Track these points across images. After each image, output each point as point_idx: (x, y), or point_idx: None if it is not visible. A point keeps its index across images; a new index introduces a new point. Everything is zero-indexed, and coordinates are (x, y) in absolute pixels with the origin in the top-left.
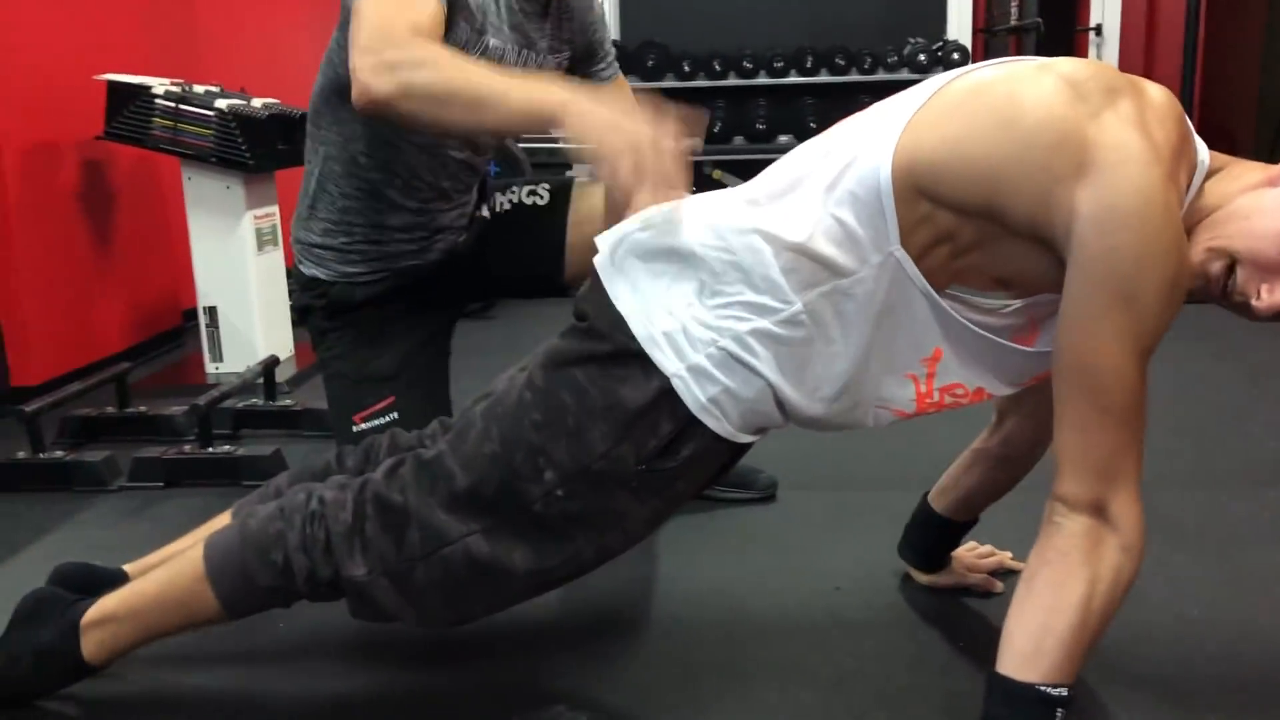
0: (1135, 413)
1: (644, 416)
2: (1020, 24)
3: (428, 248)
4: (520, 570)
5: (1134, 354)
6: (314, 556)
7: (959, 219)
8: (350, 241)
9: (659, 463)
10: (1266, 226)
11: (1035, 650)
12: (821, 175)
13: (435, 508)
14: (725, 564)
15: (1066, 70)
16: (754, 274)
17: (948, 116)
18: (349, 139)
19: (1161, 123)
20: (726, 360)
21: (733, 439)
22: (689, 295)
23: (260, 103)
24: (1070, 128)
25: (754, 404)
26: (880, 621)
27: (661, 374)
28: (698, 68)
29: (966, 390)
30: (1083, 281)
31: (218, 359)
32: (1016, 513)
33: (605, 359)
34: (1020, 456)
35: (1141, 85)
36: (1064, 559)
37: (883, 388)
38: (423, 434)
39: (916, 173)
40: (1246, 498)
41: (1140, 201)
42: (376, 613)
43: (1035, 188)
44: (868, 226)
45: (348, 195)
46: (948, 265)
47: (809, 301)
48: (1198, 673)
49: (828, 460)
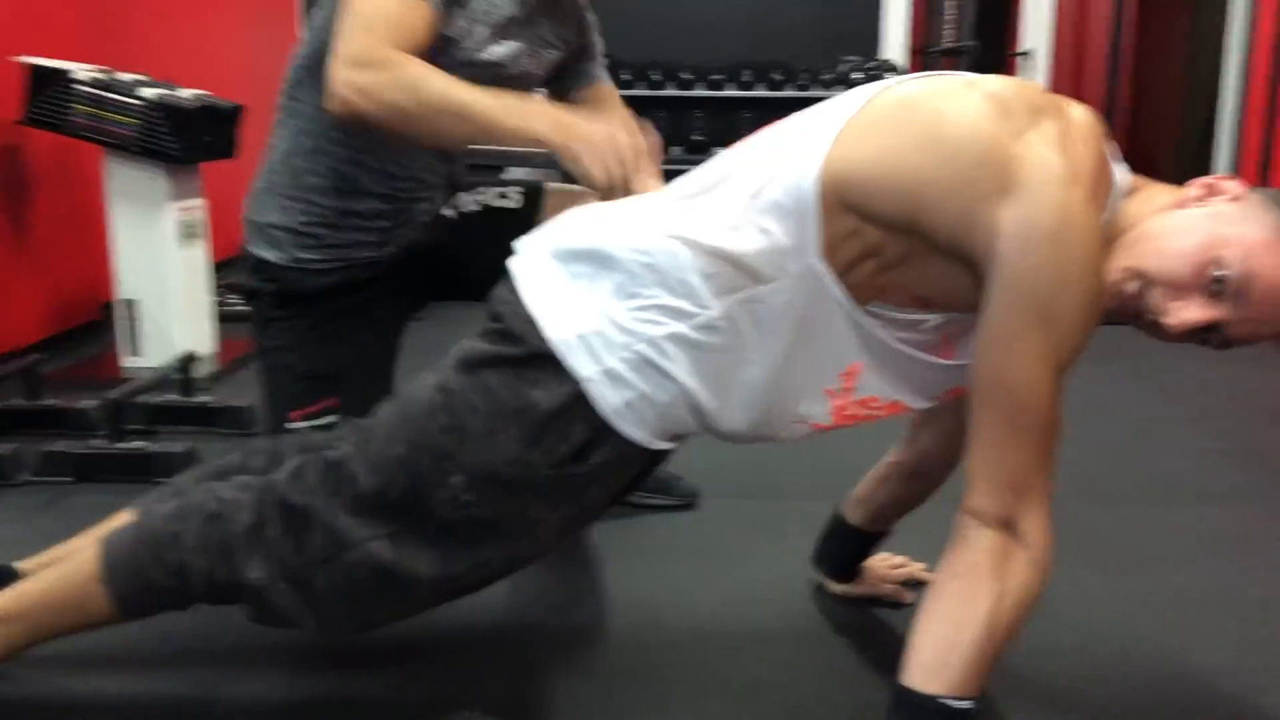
0: (1049, 430)
1: (556, 421)
2: (956, 46)
3: (387, 240)
4: (426, 577)
5: (1050, 371)
6: (212, 558)
7: (886, 234)
8: (309, 222)
9: (571, 468)
10: (1177, 246)
11: (940, 663)
12: (747, 181)
13: (339, 511)
14: (644, 572)
15: (992, 88)
16: (671, 277)
17: (876, 131)
18: (326, 114)
19: (1083, 143)
20: (642, 364)
21: (647, 445)
22: (605, 297)
23: (189, 93)
24: (994, 145)
25: (668, 409)
26: (793, 631)
27: (574, 378)
28: (636, 77)
29: (883, 403)
30: (1002, 299)
31: (136, 353)
32: (929, 524)
33: (518, 362)
34: (933, 470)
35: (1064, 105)
36: (972, 572)
37: (800, 401)
38: (331, 435)
39: (844, 187)
40: (1154, 515)
41: (1060, 221)
42: (275, 618)
43: (958, 204)
44: (789, 236)
45: (316, 173)
46: (872, 281)
47: (726, 307)
48: (1100, 687)
49: (749, 469)
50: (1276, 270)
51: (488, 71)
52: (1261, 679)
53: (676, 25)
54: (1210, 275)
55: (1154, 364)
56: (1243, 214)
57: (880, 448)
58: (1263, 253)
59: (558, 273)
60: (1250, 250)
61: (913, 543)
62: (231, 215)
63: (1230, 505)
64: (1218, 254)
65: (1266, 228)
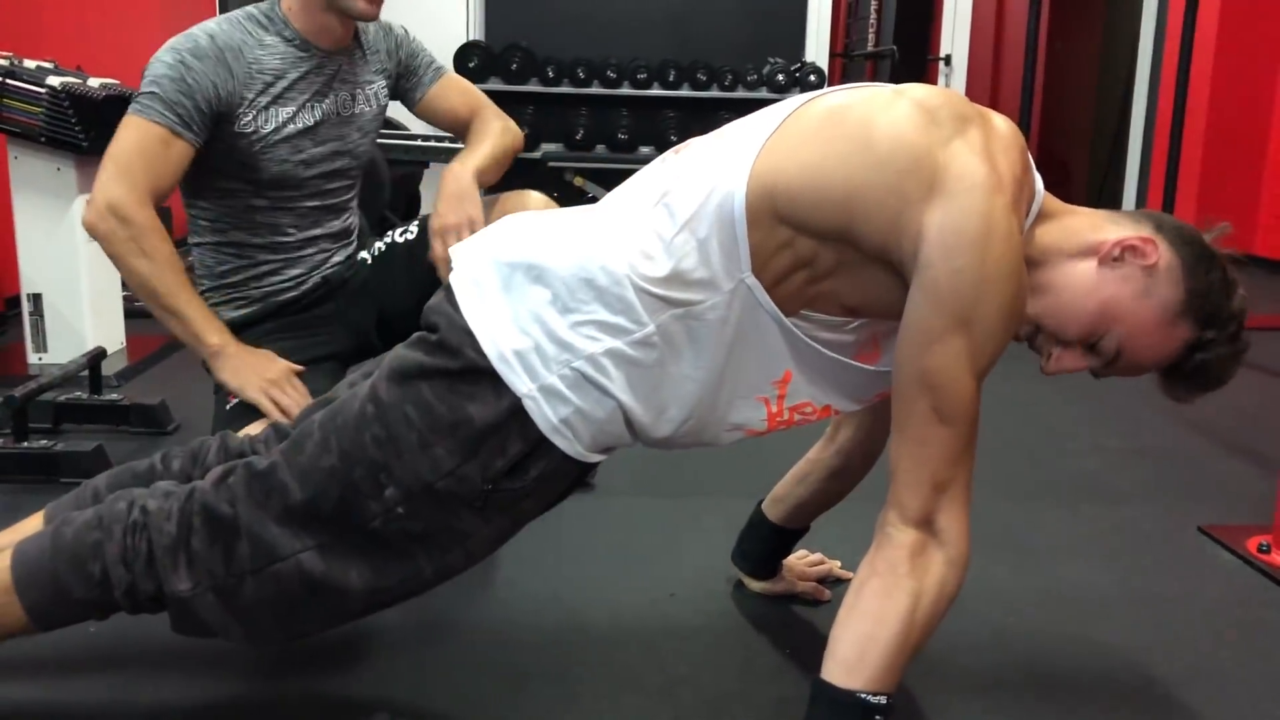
0: (968, 430)
1: (492, 436)
2: (877, 50)
3: (304, 282)
4: (357, 588)
5: (970, 373)
6: (135, 570)
7: (817, 244)
8: (229, 297)
9: (507, 482)
10: (1075, 309)
11: (858, 659)
12: (679, 198)
13: (267, 521)
14: (564, 570)
15: (920, 96)
16: (609, 294)
17: (804, 141)
18: (215, 214)
19: (1006, 152)
20: (579, 381)
21: (582, 459)
22: (542, 310)
23: (98, 82)
24: (922, 152)
25: (605, 424)
26: (712, 628)
27: (512, 393)
28: (562, 73)
29: (815, 408)
30: (925, 301)
31: (41, 349)
32: (848, 522)
33: (454, 375)
34: (853, 468)
35: (988, 115)
36: (892, 570)
37: (734, 411)
38: (255, 439)
39: (774, 198)
40: (1062, 512)
41: (984, 227)
42: (200, 628)
43: (887, 211)
44: (721, 253)
45: (222, 261)
46: (802, 292)
47: (662, 324)
48: (1010, 679)
49: (672, 468)
50: (1150, 350)
51: (309, 138)
52: (1163, 671)
53: (602, 23)
54: (1092, 339)
55: None
56: (1146, 288)
57: (803, 446)
58: (1145, 334)
59: (496, 285)
60: (1135, 331)
61: (832, 540)
62: None
63: (1136, 503)
64: (1107, 328)
65: (1163, 307)
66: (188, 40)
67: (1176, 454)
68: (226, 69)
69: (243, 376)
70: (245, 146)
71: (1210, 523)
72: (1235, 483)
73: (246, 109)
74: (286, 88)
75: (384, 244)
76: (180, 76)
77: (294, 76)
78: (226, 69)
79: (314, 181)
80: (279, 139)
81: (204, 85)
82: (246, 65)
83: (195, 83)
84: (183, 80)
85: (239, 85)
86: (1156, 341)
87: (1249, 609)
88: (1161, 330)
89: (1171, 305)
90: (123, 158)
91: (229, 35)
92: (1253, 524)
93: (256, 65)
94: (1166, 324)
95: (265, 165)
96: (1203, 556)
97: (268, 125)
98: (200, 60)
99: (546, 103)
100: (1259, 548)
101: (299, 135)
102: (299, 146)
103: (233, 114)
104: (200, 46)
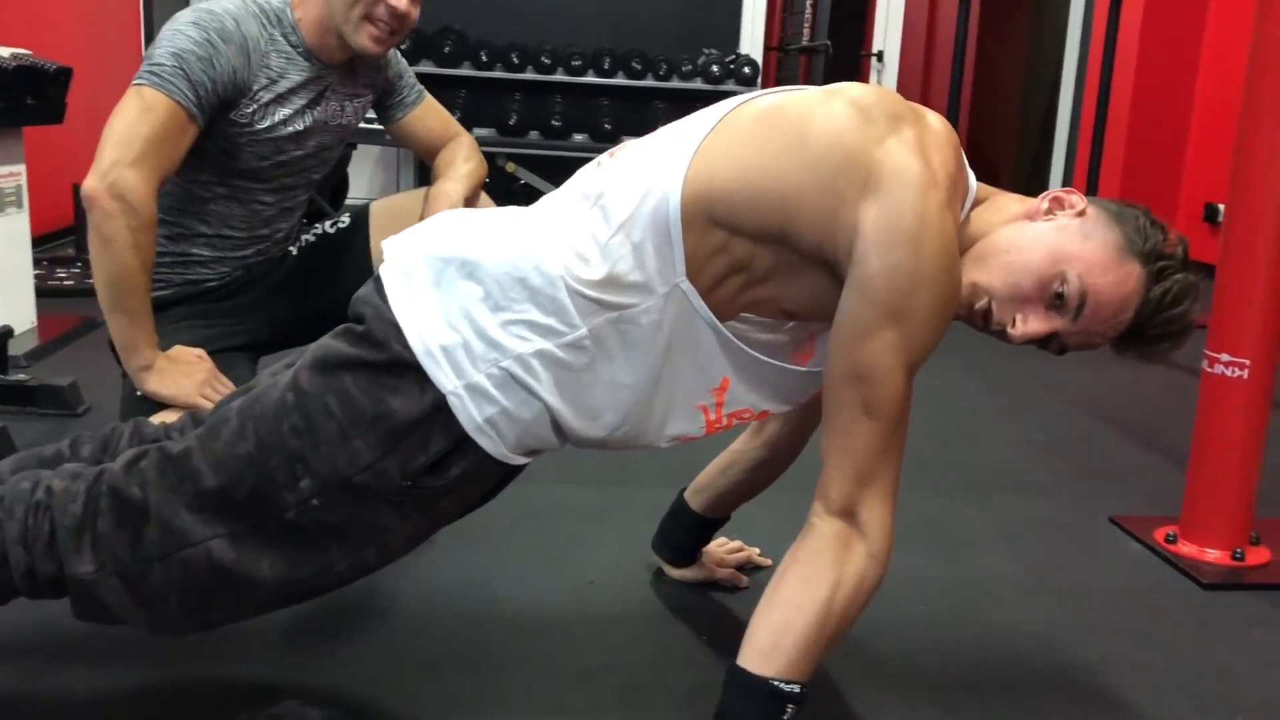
0: (898, 425)
1: (414, 431)
2: (811, 45)
3: (227, 275)
4: (268, 579)
5: (902, 368)
6: (35, 551)
7: (754, 247)
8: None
9: (427, 480)
10: (1022, 261)
11: (774, 646)
12: (614, 200)
13: (179, 507)
14: (484, 557)
15: (854, 95)
16: (542, 294)
17: (739, 143)
18: (167, 192)
19: (940, 149)
20: (507, 381)
21: (505, 460)
22: (473, 307)
23: (7, 52)
24: (857, 151)
25: (530, 426)
26: (630, 616)
27: (437, 390)
28: (495, 58)
29: (753, 413)
30: (859, 296)
31: None
32: (769, 510)
33: (378, 367)
34: (778, 460)
35: (922, 113)
36: (814, 560)
37: (671, 418)
38: (170, 427)
39: (710, 201)
40: (978, 503)
41: (919, 223)
42: (103, 614)
43: (823, 209)
44: (656, 257)
45: (157, 242)
46: (738, 297)
47: (594, 327)
48: (924, 667)
49: (595, 455)
50: (1111, 288)
51: (295, 142)
52: (1073, 658)
53: (537, 8)
54: (1052, 290)
55: (985, 358)
56: (1084, 231)
57: (727, 438)
58: (1101, 271)
59: (426, 279)
60: (1090, 268)
61: (752, 528)
62: (58, 183)
63: (1047, 494)
64: (1060, 270)
65: (1106, 245)
66: (213, 19)
67: (1090, 447)
68: (245, 58)
69: (174, 385)
70: (234, 134)
71: (1121, 514)
72: (1146, 475)
73: (249, 100)
74: (289, 90)
75: (313, 235)
76: (209, 57)
77: (296, 81)
78: (245, 58)
79: (281, 179)
80: (269, 137)
81: (225, 70)
82: (261, 57)
83: (220, 66)
84: (211, 62)
85: (250, 76)
86: (1114, 279)
87: (1155, 598)
88: (1114, 267)
89: (1113, 241)
90: (141, 138)
91: (248, 24)
92: (1161, 515)
93: (265, 61)
94: (1116, 261)
95: (245, 157)
96: (1113, 546)
97: (263, 121)
98: (227, 44)
99: (479, 87)
100: (1166, 538)
101: (286, 139)
102: (281, 148)
103: (236, 103)
104: (227, 29)
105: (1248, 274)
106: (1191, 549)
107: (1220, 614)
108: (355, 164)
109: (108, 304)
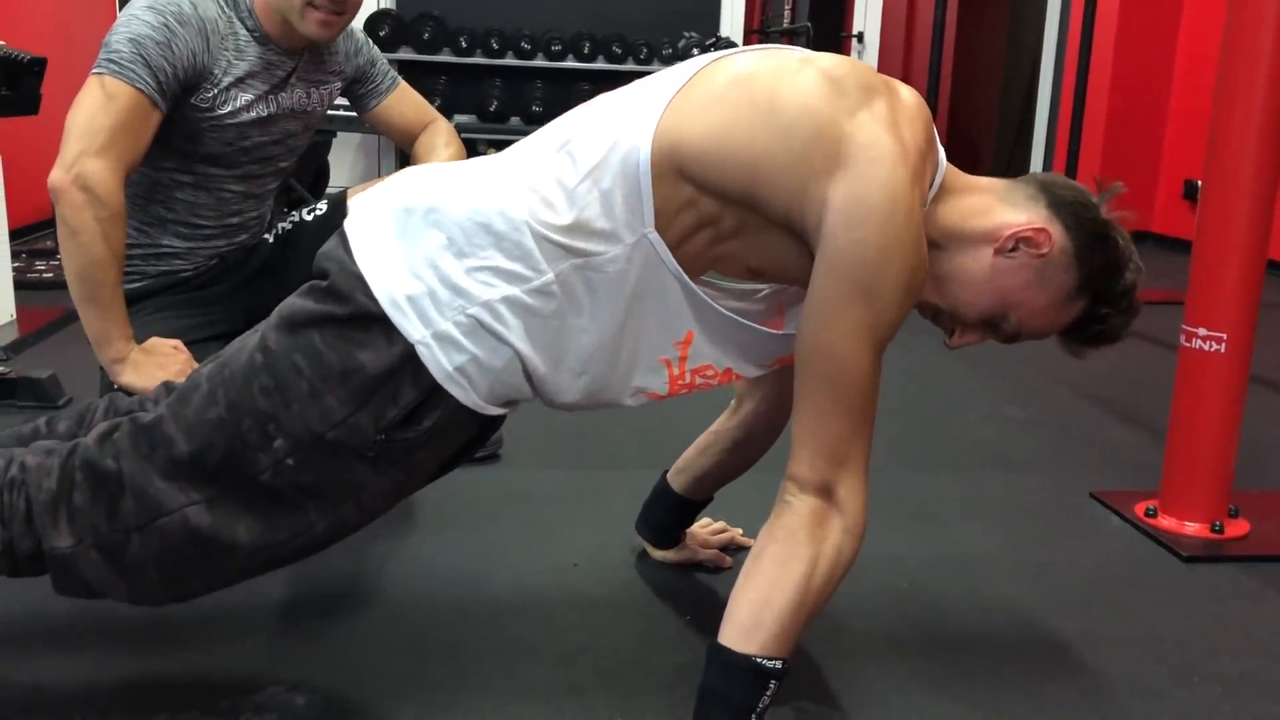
0: (867, 401)
1: (385, 384)
2: (792, 27)
3: (201, 265)
4: (245, 544)
5: (870, 344)
6: (12, 528)
7: (721, 206)
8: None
9: (400, 433)
10: (970, 299)
11: (754, 624)
12: (581, 146)
13: (153, 475)
14: (466, 541)
15: (827, 65)
16: (507, 240)
17: (711, 103)
18: (134, 182)
19: (911, 124)
20: (475, 328)
21: (480, 410)
22: (437, 255)
23: None
24: (827, 122)
25: (502, 374)
26: (614, 597)
27: (405, 340)
28: (475, 44)
29: (716, 371)
30: (828, 272)
31: None
32: (752, 491)
33: (344, 321)
34: (756, 439)
35: (895, 86)
36: (790, 537)
37: (636, 370)
38: (144, 400)
39: (679, 156)
40: (959, 479)
41: (887, 199)
42: (84, 588)
43: (792, 179)
44: (624, 206)
45: (127, 234)
46: (706, 252)
47: (561, 272)
48: (907, 642)
49: (578, 439)
50: (1047, 327)
51: (258, 128)
52: (1054, 632)
53: None
54: (992, 323)
55: None
56: (1041, 276)
57: (708, 417)
58: (1041, 317)
59: (390, 230)
60: (1032, 314)
61: (735, 509)
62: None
63: (1030, 471)
64: (1004, 313)
65: (1057, 291)
66: (169, 3)
67: (1070, 422)
68: (204, 40)
69: (149, 376)
70: (195, 119)
71: (1101, 488)
72: (1126, 450)
73: (210, 85)
74: (247, 74)
75: (289, 223)
76: (166, 41)
77: (256, 66)
78: (204, 40)
79: (247, 166)
80: (232, 122)
81: (184, 54)
82: (220, 40)
83: (179, 50)
84: (169, 46)
85: (210, 60)
86: (1052, 320)
87: (1136, 571)
88: (1056, 310)
89: (1065, 288)
90: (105, 128)
91: (206, 7)
92: (1141, 490)
93: (224, 44)
94: (1060, 305)
95: (208, 142)
96: (1094, 521)
97: (224, 106)
98: (184, 27)
99: (459, 73)
100: (1146, 512)
101: (250, 124)
102: (245, 133)
103: (197, 86)
104: (184, 12)
105: (1224, 248)
106: (1171, 522)
107: (1200, 586)
108: (336, 152)
109: (79, 296)
